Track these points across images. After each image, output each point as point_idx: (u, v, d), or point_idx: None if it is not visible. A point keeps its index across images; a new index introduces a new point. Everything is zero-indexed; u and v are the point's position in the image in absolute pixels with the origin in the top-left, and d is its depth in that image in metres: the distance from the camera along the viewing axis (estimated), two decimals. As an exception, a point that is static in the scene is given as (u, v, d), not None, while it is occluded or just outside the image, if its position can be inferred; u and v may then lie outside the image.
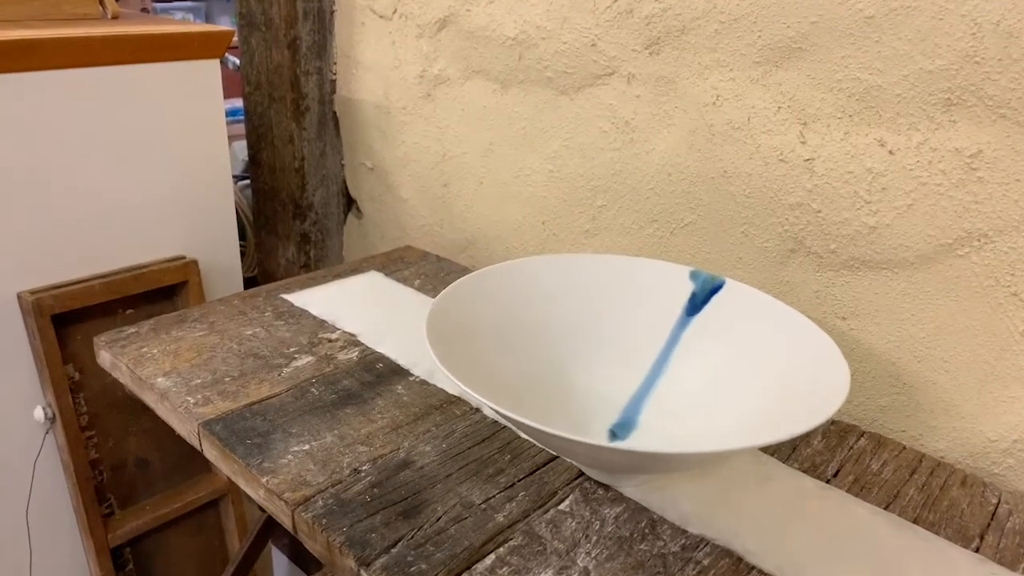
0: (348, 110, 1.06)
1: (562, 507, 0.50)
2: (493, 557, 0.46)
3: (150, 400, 0.63)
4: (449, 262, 0.90)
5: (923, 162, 0.57)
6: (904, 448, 0.59)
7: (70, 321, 0.92)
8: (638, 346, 0.60)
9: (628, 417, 0.57)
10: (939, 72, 0.55)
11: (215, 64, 0.99)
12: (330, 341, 0.70)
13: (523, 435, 0.57)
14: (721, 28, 0.66)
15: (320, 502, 0.49)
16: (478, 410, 0.61)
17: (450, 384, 0.63)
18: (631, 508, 0.50)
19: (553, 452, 0.55)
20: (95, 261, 0.94)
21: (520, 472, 0.53)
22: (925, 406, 0.62)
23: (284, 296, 0.79)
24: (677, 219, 0.74)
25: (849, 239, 0.63)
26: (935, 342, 0.60)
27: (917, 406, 0.62)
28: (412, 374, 0.65)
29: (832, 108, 0.61)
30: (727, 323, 0.58)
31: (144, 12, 2.06)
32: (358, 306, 0.77)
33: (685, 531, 0.49)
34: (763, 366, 0.54)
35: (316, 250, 1.13)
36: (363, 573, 0.44)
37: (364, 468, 0.53)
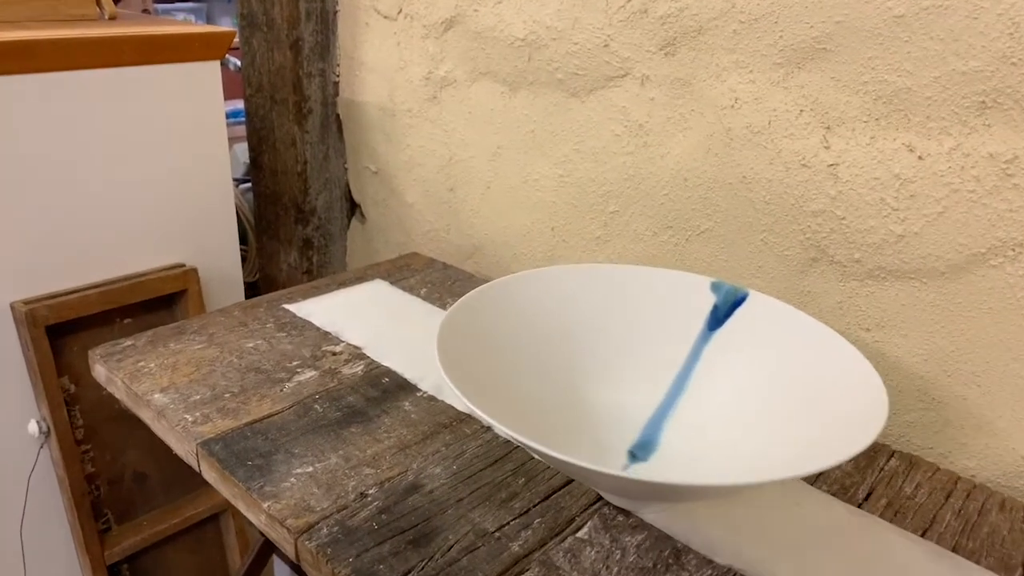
0: (352, 112, 1.04)
1: (580, 534, 0.47)
2: (509, 590, 0.43)
3: (147, 417, 0.61)
4: (456, 269, 0.88)
5: (955, 168, 0.55)
6: (938, 469, 0.56)
7: (65, 332, 0.89)
8: (658, 362, 0.57)
9: (648, 437, 0.54)
10: (973, 74, 0.53)
11: (215, 66, 0.96)
12: (334, 354, 0.67)
13: (538, 457, 0.55)
14: (740, 28, 0.63)
15: (325, 529, 0.47)
16: (489, 429, 0.58)
17: (459, 401, 0.61)
18: (653, 536, 0.48)
19: (570, 476, 0.53)
20: (91, 269, 0.92)
21: (535, 496, 0.51)
22: (955, 422, 0.59)
23: (286, 306, 0.76)
24: (693, 226, 0.71)
25: (875, 248, 0.60)
26: (966, 356, 0.58)
27: (946, 422, 0.60)
28: (419, 389, 0.63)
29: (858, 111, 0.59)
30: (751, 338, 0.56)
31: (145, 13, 2.03)
32: (363, 316, 0.74)
33: (712, 561, 0.46)
34: (792, 385, 0.52)
35: (319, 255, 1.11)
36: (371, 608, 0.42)
37: (371, 492, 0.50)
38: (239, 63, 1.10)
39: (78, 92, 0.85)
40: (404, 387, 0.63)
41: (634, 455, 0.53)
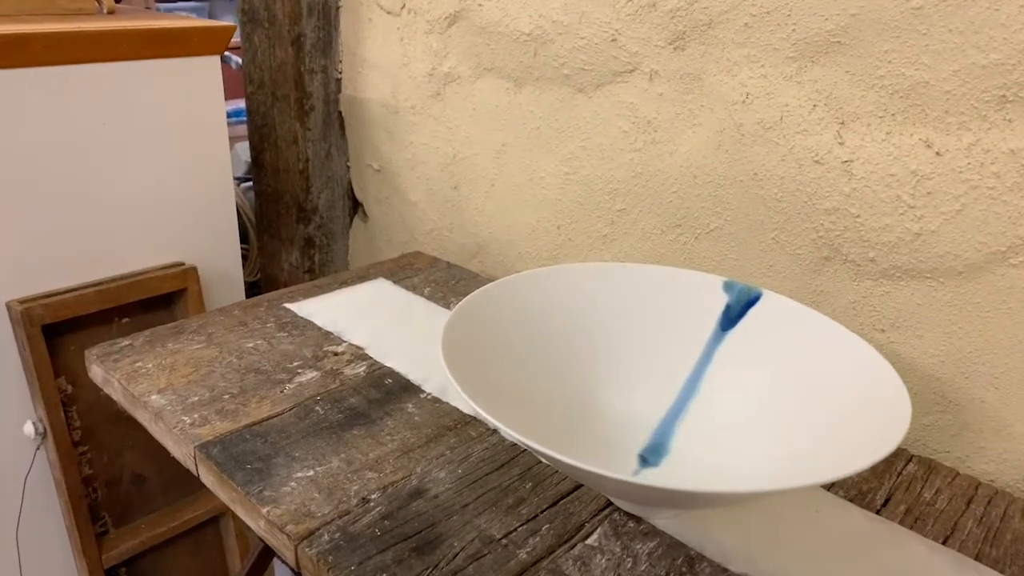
0: (354, 110, 1.03)
1: (590, 541, 0.46)
2: (516, 600, 0.42)
3: (144, 419, 0.59)
4: (460, 269, 0.86)
5: (974, 164, 0.53)
6: (957, 474, 0.55)
7: (62, 331, 0.88)
8: (669, 363, 0.56)
9: (659, 440, 0.53)
10: (993, 67, 0.51)
11: (215, 61, 0.95)
12: (336, 355, 0.66)
13: (546, 461, 0.53)
14: (752, 21, 0.62)
15: (326, 536, 0.45)
16: (495, 431, 0.56)
17: (464, 403, 0.59)
18: (665, 543, 0.46)
19: (579, 481, 0.51)
20: (88, 268, 0.90)
21: (543, 502, 0.49)
22: (973, 425, 0.58)
23: (287, 305, 0.75)
24: (702, 224, 0.70)
25: (890, 246, 0.59)
26: (984, 357, 0.56)
27: (964, 425, 0.58)
28: (423, 391, 0.61)
29: (873, 106, 0.57)
30: (765, 339, 0.54)
31: (147, 11, 2.02)
32: (365, 316, 0.73)
33: (726, 569, 0.44)
34: (808, 387, 0.50)
35: (320, 254, 1.09)
36: (374, 618, 0.40)
37: (373, 497, 0.49)
38: (240, 61, 1.08)
39: (76, 87, 0.84)
40: (407, 388, 0.61)
41: (645, 459, 0.52)
